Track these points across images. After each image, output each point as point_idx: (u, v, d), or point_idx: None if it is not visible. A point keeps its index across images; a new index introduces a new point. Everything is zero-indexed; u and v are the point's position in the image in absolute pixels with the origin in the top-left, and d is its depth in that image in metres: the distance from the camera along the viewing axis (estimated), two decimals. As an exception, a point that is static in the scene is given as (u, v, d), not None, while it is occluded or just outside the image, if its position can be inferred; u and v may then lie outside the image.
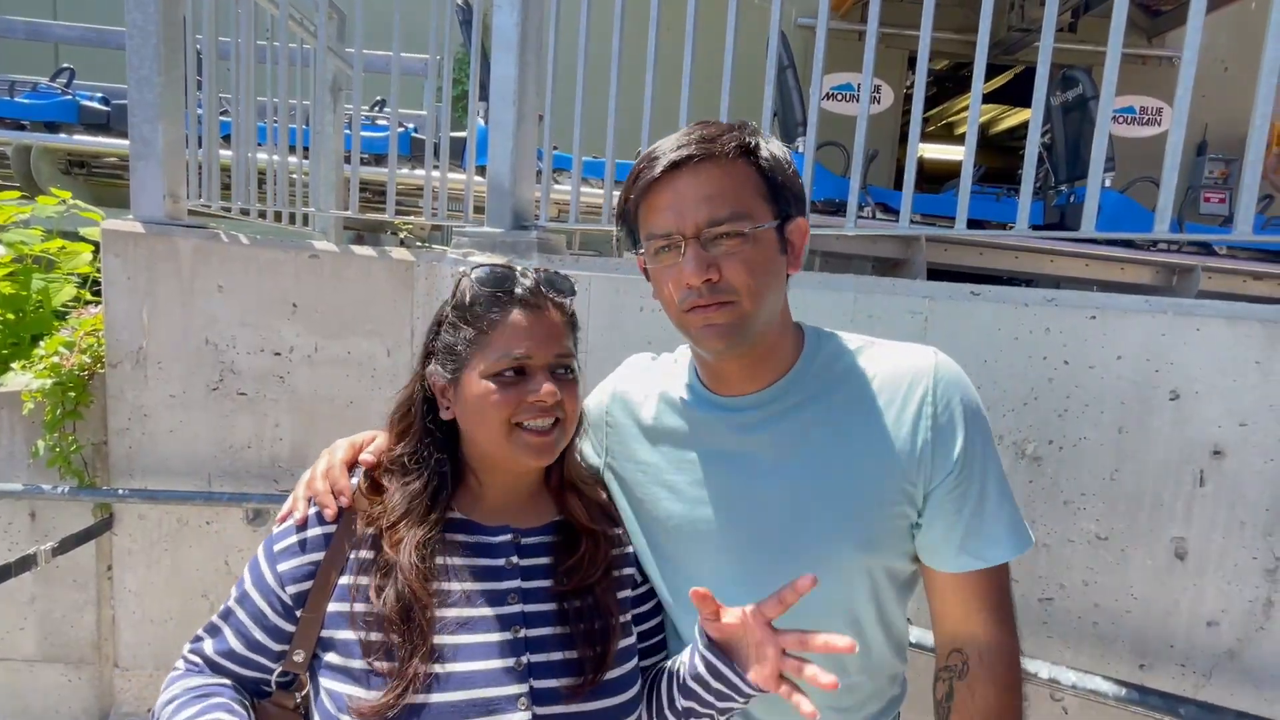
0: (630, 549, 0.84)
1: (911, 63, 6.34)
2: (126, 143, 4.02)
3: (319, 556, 0.72)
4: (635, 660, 0.78)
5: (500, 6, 1.75)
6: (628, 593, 0.81)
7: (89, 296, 2.34)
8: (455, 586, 0.72)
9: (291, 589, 0.72)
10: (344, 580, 0.71)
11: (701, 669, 0.69)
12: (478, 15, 1.94)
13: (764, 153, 0.74)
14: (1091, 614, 1.21)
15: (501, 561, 0.75)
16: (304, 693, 0.75)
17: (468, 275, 0.75)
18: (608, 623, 0.75)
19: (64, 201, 2.43)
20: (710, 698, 0.70)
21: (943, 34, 1.30)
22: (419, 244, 4.43)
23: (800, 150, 3.79)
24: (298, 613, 0.72)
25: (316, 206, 2.59)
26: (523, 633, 0.72)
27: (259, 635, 0.72)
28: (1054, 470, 1.21)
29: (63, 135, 4.01)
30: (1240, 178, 1.15)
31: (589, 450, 0.90)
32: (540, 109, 1.82)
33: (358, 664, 0.68)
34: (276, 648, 0.73)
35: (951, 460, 0.72)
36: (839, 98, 5.84)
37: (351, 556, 0.72)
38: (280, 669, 0.74)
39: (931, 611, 0.78)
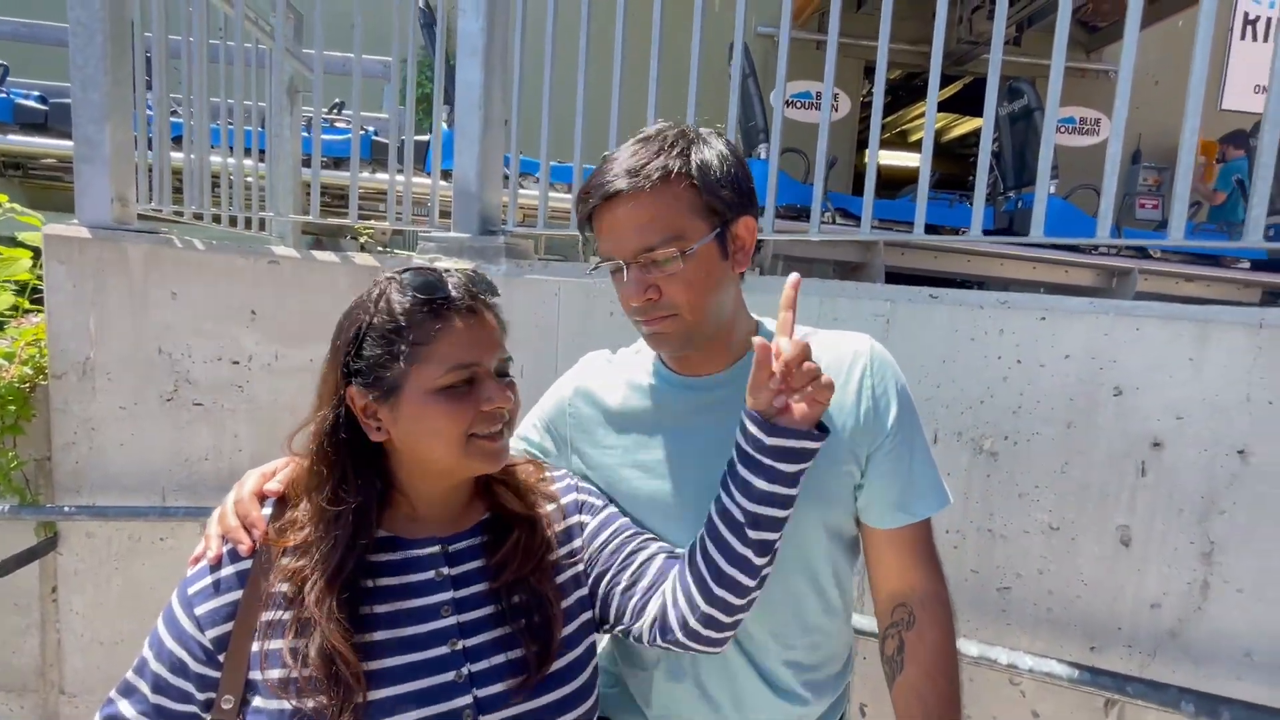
0: (578, 519, 0.82)
1: (868, 72, 6.53)
2: (66, 143, 3.84)
3: (237, 595, 0.67)
4: (585, 645, 0.77)
5: (465, 12, 1.75)
6: (577, 569, 0.79)
7: (28, 305, 2.23)
8: (383, 609, 0.69)
9: (211, 633, 0.67)
10: (266, 616, 0.67)
11: (767, 440, 0.69)
12: (441, 20, 1.93)
13: (694, 169, 0.77)
14: (1046, 601, 1.27)
15: (431, 574, 0.72)
16: None
17: (394, 280, 0.69)
18: (547, 613, 0.73)
19: (0, 205, 2.30)
20: (784, 485, 0.69)
21: (897, 45, 1.36)
22: (380, 249, 4.35)
23: (762, 157, 3.87)
24: (220, 657, 0.67)
25: (275, 211, 2.52)
26: (460, 644, 0.70)
27: (182, 685, 0.67)
28: (1010, 464, 1.27)
29: (-4, 135, 3.80)
30: (1173, 188, 1.23)
31: (549, 444, 0.91)
32: (506, 114, 1.82)
33: (287, 706, 0.65)
34: (202, 697, 0.68)
35: (887, 427, 0.82)
36: (798, 105, 5.97)
37: (271, 592, 0.67)
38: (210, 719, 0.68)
39: (872, 579, 0.85)
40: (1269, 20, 6.48)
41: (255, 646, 0.67)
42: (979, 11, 5.75)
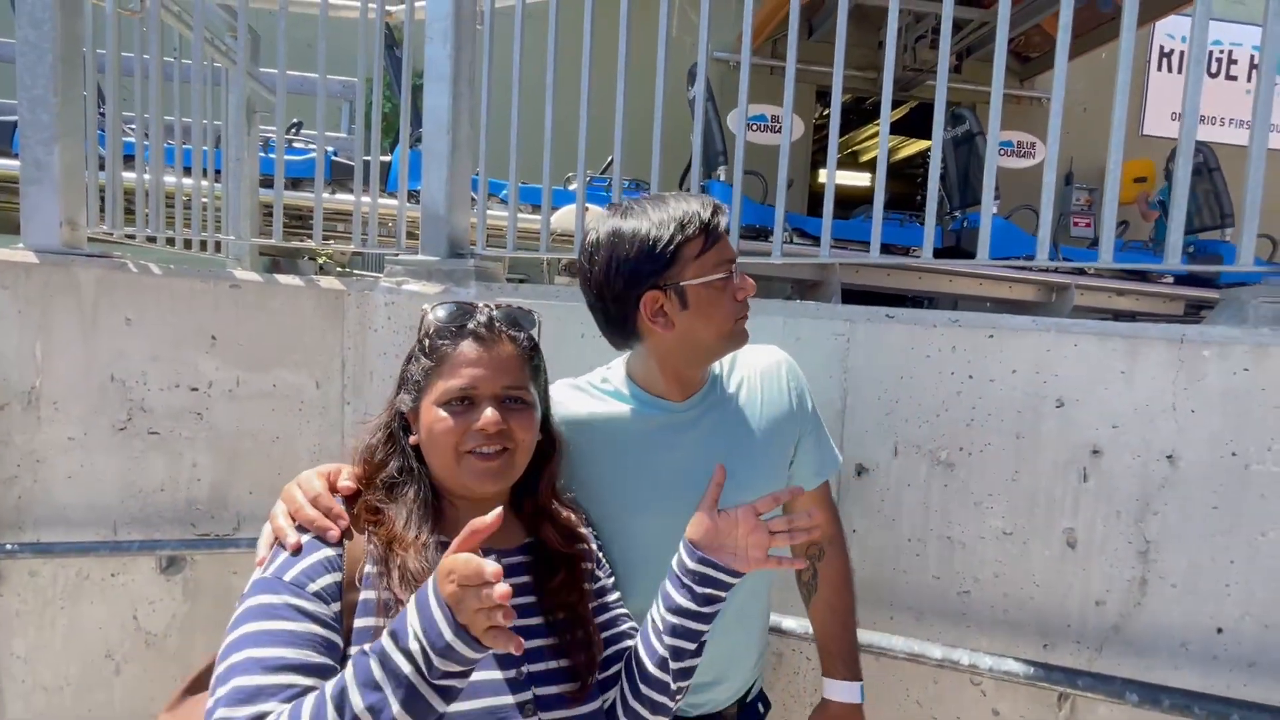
0: (598, 561, 0.91)
1: (820, 96, 6.78)
2: (3, 162, 3.66)
3: (339, 576, 0.72)
4: (612, 670, 0.84)
5: (432, 39, 1.77)
6: (595, 601, 0.87)
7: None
8: None
9: (334, 606, 0.70)
10: (365, 595, 0.71)
11: (692, 565, 0.79)
12: (408, 43, 1.94)
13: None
14: (1002, 603, 1.34)
15: None
16: None
17: (431, 311, 0.82)
18: (588, 631, 0.80)
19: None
20: (696, 605, 0.77)
21: (846, 71, 1.45)
22: (339, 269, 4.27)
23: (722, 179, 3.97)
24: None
25: (233, 232, 2.47)
26: None
27: (325, 633, 0.68)
28: (965, 475, 1.34)
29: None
30: (1100, 212, 1.34)
31: None
32: (474, 138, 1.84)
33: None
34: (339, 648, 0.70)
35: (808, 413, 1.11)
36: (754, 128, 6.15)
37: (366, 572, 0.72)
38: None
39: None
40: (1183, 54, 7.03)
41: (357, 623, 0.70)
42: (922, 41, 6.06)
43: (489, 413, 0.76)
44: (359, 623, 0.71)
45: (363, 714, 0.58)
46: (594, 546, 0.91)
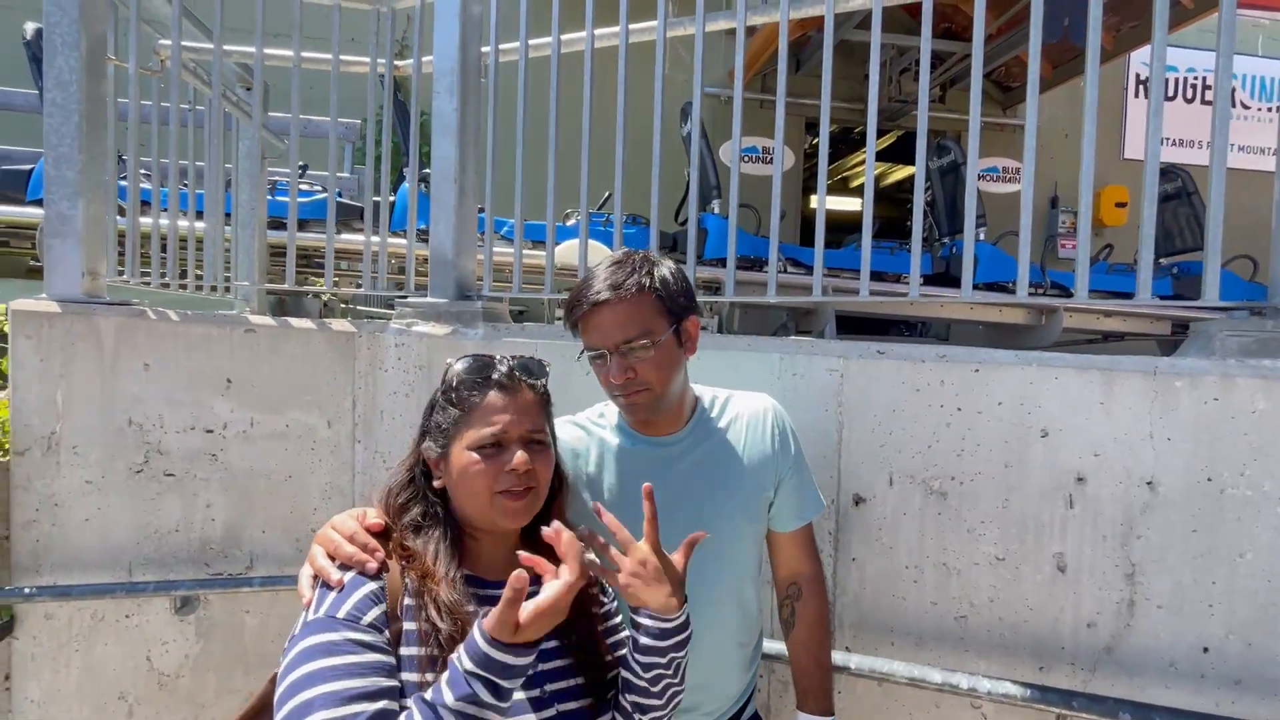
0: (602, 586, 0.97)
1: (809, 127, 6.97)
2: (15, 210, 3.75)
3: (384, 607, 0.77)
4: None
5: (439, 93, 1.87)
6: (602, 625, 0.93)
7: (-19, 378, 2.17)
8: None
9: (386, 635, 0.76)
10: (407, 626, 0.77)
11: (645, 624, 0.84)
12: (416, 91, 2.04)
13: (658, 281, 1.05)
14: (998, 627, 1.38)
15: None
16: None
17: (453, 365, 0.89)
18: (598, 651, 0.88)
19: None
20: (662, 643, 0.83)
21: (834, 103, 1.55)
22: (343, 305, 4.34)
23: (715, 211, 4.08)
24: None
25: (243, 276, 2.54)
26: (539, 666, 0.82)
27: (386, 659, 0.74)
28: (957, 503, 1.40)
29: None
30: (1078, 243, 1.42)
31: None
32: (479, 185, 1.93)
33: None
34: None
35: (790, 457, 1.17)
36: (746, 160, 6.31)
37: (405, 604, 0.78)
38: None
39: (772, 564, 1.21)
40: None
41: (403, 651, 0.76)
42: (906, 74, 6.26)
43: (520, 455, 0.83)
44: (404, 651, 0.76)
45: None
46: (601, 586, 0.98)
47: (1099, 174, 1.37)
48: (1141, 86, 7.13)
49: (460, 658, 0.70)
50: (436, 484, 0.88)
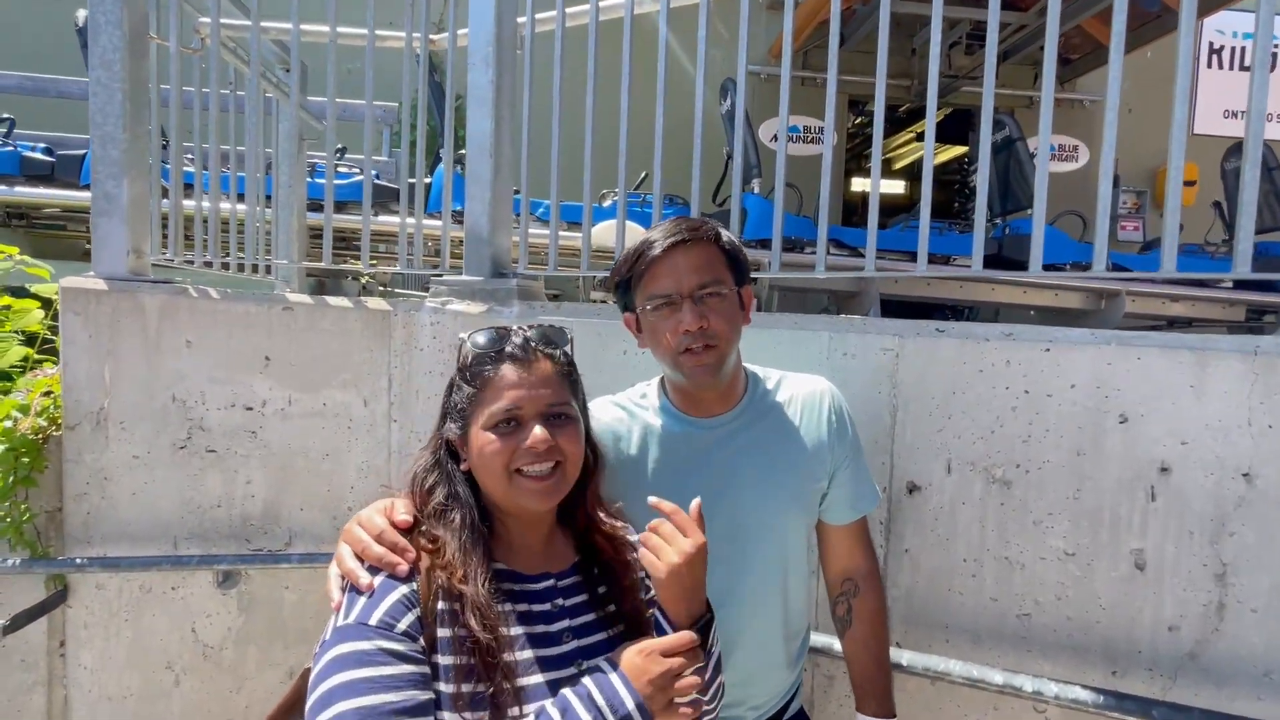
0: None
1: (852, 105, 6.74)
2: (71, 194, 3.88)
3: (418, 612, 0.72)
4: None
5: (475, 65, 1.82)
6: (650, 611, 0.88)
7: (37, 356, 2.24)
8: (516, 631, 0.76)
9: (421, 642, 0.71)
10: (442, 633, 0.72)
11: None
12: (451, 69, 2.00)
13: (725, 239, 1.02)
14: (1065, 626, 1.28)
15: (548, 606, 0.80)
16: None
17: (467, 340, 0.84)
18: (642, 627, 0.83)
19: (10, 257, 2.33)
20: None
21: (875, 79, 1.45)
22: (381, 288, 4.38)
23: (756, 191, 3.97)
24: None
25: (289, 258, 2.56)
26: (583, 664, 0.77)
27: (421, 670, 0.70)
28: (1022, 493, 1.30)
29: (2, 187, 3.83)
30: (1164, 220, 1.29)
31: None
32: (515, 160, 1.88)
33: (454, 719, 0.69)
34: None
35: (847, 445, 1.09)
36: (789, 139, 6.13)
37: (439, 609, 0.73)
38: None
39: (824, 559, 1.14)
40: (1233, 49, 6.78)
41: (441, 659, 0.71)
42: (956, 47, 5.97)
43: (537, 431, 0.78)
44: (443, 660, 0.71)
45: None
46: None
47: (1165, 151, 1.24)
48: (1215, 55, 6.66)
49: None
50: (463, 467, 0.83)
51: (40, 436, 1.82)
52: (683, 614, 0.78)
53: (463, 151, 1.92)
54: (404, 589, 0.73)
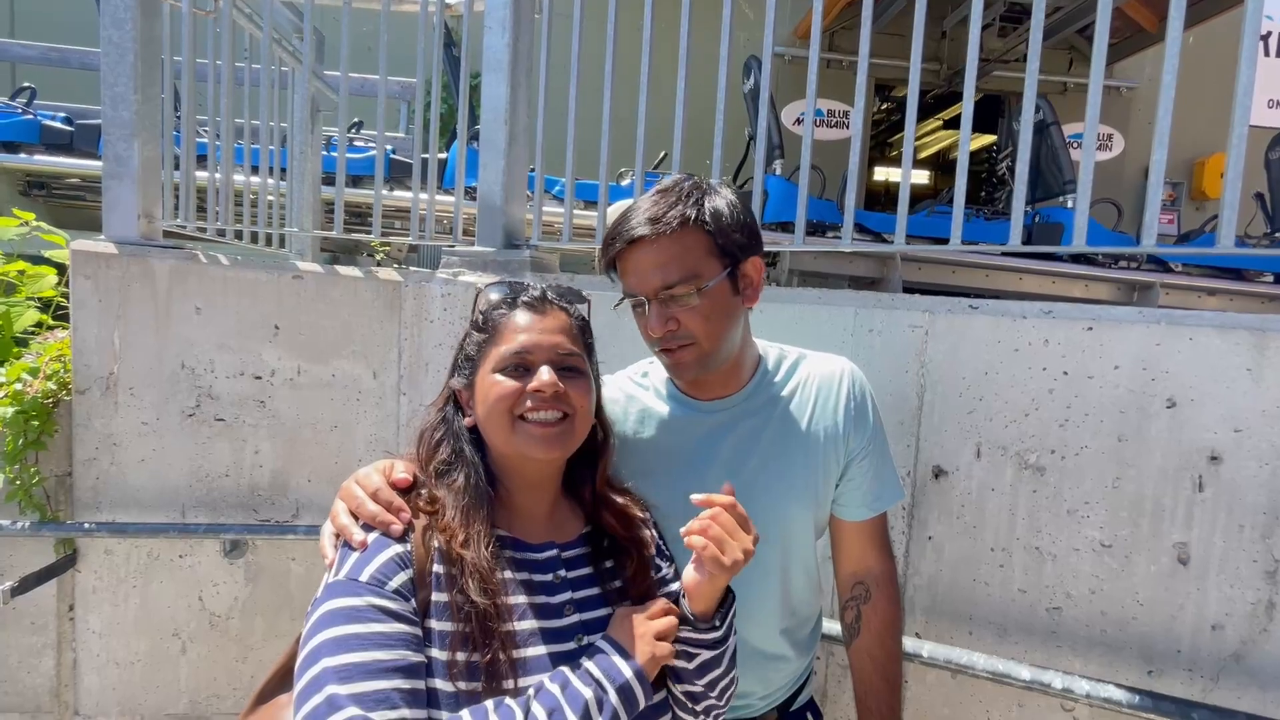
0: (660, 550, 0.87)
1: (879, 89, 6.57)
2: (91, 163, 3.89)
3: (411, 572, 0.69)
4: None
5: (491, 28, 1.76)
6: (669, 589, 0.84)
7: (51, 322, 2.23)
8: (516, 601, 0.72)
9: (413, 602, 0.67)
10: (437, 597, 0.69)
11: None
12: (466, 41, 1.93)
13: (707, 214, 0.87)
14: (1099, 622, 1.21)
15: (550, 576, 0.77)
16: None
17: (483, 290, 0.82)
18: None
19: (26, 223, 2.32)
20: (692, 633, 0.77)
21: (907, 63, 1.38)
22: (396, 265, 4.37)
23: (778, 173, 3.87)
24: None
25: (300, 227, 2.53)
26: (585, 640, 0.74)
27: (413, 630, 0.66)
28: (1057, 480, 1.23)
29: (22, 155, 3.85)
30: (1222, 201, 1.20)
31: None
32: (531, 128, 1.82)
33: (447, 688, 0.66)
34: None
35: (867, 433, 0.97)
36: (813, 122, 6.00)
37: (435, 571, 0.70)
38: None
39: (835, 555, 1.02)
40: (1279, 35, 6.48)
41: (435, 625, 0.68)
42: (988, 29, 5.79)
43: (544, 372, 0.75)
44: (437, 625, 0.67)
45: None
46: (655, 534, 0.88)
47: (1209, 141, 1.15)
48: (1263, 42, 6.38)
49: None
50: (466, 421, 0.79)
51: (50, 400, 1.81)
52: (712, 601, 0.76)
53: (478, 126, 1.87)
54: (398, 548, 0.70)
